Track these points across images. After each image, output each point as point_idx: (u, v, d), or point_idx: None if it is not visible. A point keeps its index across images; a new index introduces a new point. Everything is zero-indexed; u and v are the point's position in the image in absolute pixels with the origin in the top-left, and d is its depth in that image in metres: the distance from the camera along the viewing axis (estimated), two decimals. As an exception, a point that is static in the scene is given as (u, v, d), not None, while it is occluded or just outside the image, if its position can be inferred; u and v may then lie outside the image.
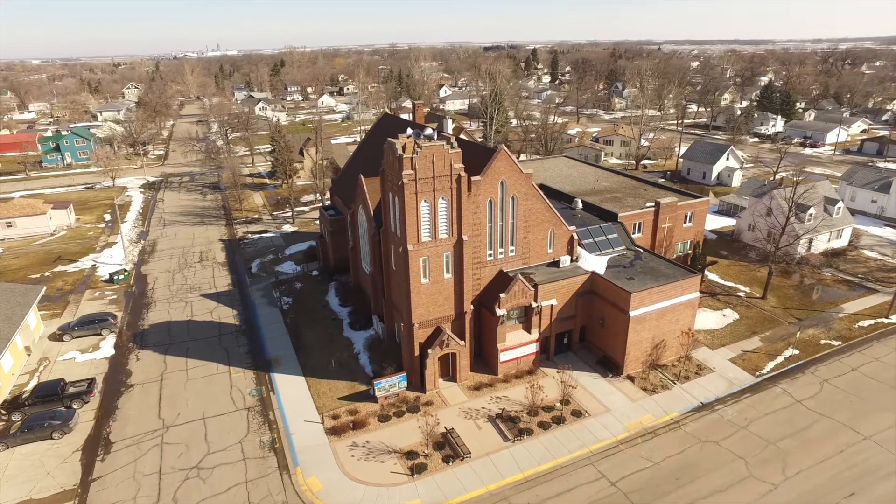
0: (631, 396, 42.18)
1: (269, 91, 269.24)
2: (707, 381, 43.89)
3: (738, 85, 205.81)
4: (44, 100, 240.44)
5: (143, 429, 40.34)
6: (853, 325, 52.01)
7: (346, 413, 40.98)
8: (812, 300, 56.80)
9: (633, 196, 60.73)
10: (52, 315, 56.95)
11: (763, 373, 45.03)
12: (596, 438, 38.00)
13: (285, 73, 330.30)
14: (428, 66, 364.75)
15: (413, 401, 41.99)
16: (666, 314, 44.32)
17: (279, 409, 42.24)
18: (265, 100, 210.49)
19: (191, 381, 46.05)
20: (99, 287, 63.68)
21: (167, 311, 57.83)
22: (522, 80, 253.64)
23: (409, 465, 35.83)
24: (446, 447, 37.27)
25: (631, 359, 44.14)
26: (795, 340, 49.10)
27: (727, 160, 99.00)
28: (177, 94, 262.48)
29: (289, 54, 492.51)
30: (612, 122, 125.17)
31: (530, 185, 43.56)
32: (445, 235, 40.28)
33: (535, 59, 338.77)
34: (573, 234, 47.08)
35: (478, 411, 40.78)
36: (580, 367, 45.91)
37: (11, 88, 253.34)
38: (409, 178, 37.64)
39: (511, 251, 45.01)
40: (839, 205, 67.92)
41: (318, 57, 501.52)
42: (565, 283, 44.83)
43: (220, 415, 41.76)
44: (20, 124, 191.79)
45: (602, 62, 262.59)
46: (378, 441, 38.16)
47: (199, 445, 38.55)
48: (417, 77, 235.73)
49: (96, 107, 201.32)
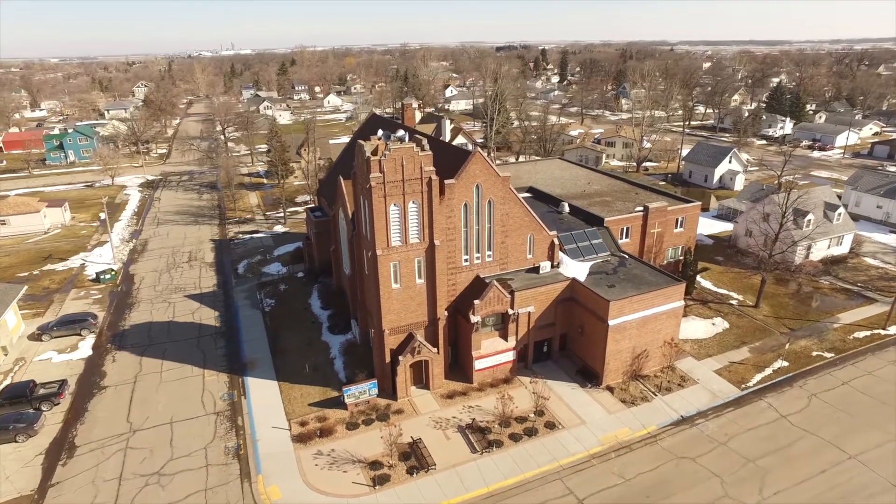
0: (609, 408, 40.85)
1: (275, 90, 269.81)
2: (690, 394, 42.41)
3: (749, 86, 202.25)
4: (56, 98, 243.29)
5: (110, 432, 39.83)
6: (848, 337, 50.14)
7: (314, 420, 40.15)
8: (807, 309, 54.95)
9: (624, 200, 59.25)
10: (34, 314, 56.87)
11: (749, 385, 43.44)
12: (568, 452, 36.75)
13: (294, 72, 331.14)
14: (437, 66, 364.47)
15: (384, 408, 41.05)
16: (648, 323, 42.92)
17: (249, 414, 41.55)
18: (270, 99, 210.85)
19: (164, 383, 45.54)
20: (85, 286, 63.58)
21: (150, 312, 57.49)
22: (530, 81, 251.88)
23: (371, 476, 34.88)
24: (412, 458, 36.28)
25: (610, 369, 42.80)
26: (785, 352, 47.40)
27: (730, 163, 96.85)
28: (186, 93, 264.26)
29: (299, 53, 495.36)
30: (616, 124, 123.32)
31: (507, 189, 42.40)
32: (417, 240, 39.25)
33: (544, 59, 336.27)
34: (554, 240, 45.81)
35: (448, 421, 39.71)
36: (559, 376, 44.66)
37: (25, 87, 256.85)
38: (377, 181, 36.70)
39: (488, 256, 43.88)
40: (839, 210, 65.81)
41: (328, 56, 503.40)
42: (544, 290, 43.60)
43: (188, 419, 41.15)
44: (30, 122, 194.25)
45: (612, 62, 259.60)
46: (344, 450, 37.26)
47: (164, 450, 37.93)
48: (425, 77, 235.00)
49: (104, 105, 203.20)
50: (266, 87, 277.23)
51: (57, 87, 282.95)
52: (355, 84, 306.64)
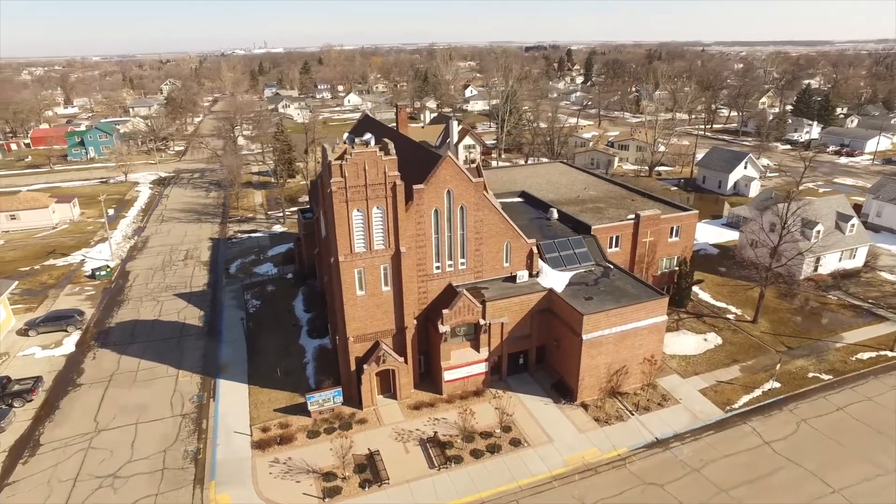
0: (580, 426, 39.08)
1: (297, 89, 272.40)
2: (669, 414, 40.28)
3: (779, 88, 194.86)
4: (87, 95, 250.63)
5: (75, 431, 39.94)
6: (850, 358, 47.10)
7: (276, 426, 39.52)
8: (808, 326, 51.93)
9: (618, 207, 57.07)
10: (27, 309, 57.87)
11: (734, 407, 41.05)
12: (529, 472, 35.21)
13: (318, 71, 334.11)
14: (461, 66, 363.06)
15: (348, 417, 40.17)
16: (627, 338, 40.96)
17: (214, 417, 41.19)
18: (288, 97, 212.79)
19: (138, 382, 45.60)
20: (81, 282, 64.55)
21: (137, 310, 57.90)
22: (553, 82, 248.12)
23: (323, 488, 33.99)
24: (367, 470, 35.28)
25: (585, 385, 40.99)
26: (778, 372, 44.70)
27: (745, 169, 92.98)
28: (211, 91, 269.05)
29: (326, 52, 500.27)
30: (632, 127, 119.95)
31: (481, 195, 40.99)
32: (382, 246, 38.21)
33: (569, 59, 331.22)
34: (533, 248, 44.18)
35: (411, 433, 38.56)
36: (533, 390, 43.03)
37: (61, 84, 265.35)
38: (338, 186, 35.80)
39: (462, 264, 42.53)
40: (853, 221, 62.17)
41: (355, 55, 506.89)
42: (518, 301, 42.04)
43: (154, 420, 41.01)
44: (62, 119, 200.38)
45: (637, 63, 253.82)
46: (301, 458, 36.49)
47: (124, 452, 37.80)
48: (447, 77, 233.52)
49: (131, 102, 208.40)
50: (289, 86, 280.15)
51: (91, 85, 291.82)
52: (377, 83, 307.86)
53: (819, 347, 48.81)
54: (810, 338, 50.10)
